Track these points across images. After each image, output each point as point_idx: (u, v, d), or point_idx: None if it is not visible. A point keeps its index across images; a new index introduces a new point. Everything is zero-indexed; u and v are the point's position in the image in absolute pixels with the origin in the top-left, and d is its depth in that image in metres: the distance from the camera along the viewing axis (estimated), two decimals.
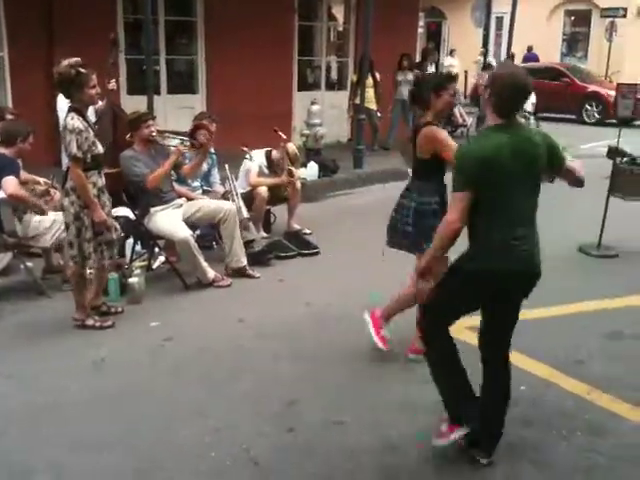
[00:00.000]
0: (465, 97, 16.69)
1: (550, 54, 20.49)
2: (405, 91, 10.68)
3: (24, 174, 5.04)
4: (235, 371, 3.90)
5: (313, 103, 8.99)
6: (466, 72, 18.60)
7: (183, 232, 5.04)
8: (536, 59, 18.94)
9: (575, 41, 22.00)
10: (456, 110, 12.28)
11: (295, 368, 3.95)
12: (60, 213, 4.91)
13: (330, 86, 11.77)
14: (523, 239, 2.84)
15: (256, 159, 6.31)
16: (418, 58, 12.28)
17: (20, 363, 3.93)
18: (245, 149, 6.11)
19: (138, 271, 5.01)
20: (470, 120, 11.69)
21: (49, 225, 4.86)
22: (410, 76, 10.77)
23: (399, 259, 4.12)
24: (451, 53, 18.14)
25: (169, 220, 5.11)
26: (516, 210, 2.84)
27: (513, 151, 2.77)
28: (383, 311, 4.11)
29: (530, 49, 19.38)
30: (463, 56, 18.24)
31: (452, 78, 4.05)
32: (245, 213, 5.63)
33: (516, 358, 4.02)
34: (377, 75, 10.15)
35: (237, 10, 9.31)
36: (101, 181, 4.25)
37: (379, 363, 4.04)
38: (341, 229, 6.92)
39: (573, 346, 4.22)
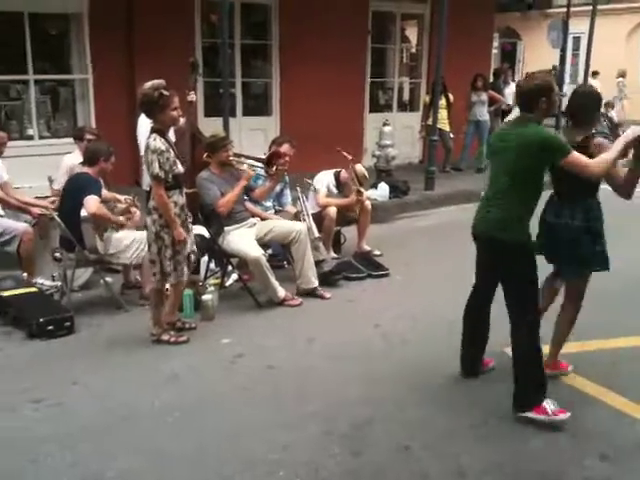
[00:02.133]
0: None
1: (630, 73, 19.83)
2: (479, 112, 10.60)
3: (105, 192, 5.24)
4: (304, 390, 3.91)
5: (385, 124, 9.02)
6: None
7: (255, 252, 5.12)
8: None
9: None
10: None
11: (364, 390, 3.93)
12: (139, 232, 5.13)
13: (402, 107, 11.78)
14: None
15: (325, 179, 6.38)
16: (492, 79, 12.14)
17: (97, 374, 4.07)
18: (309, 181, 6.20)
19: (212, 288, 5.12)
20: None
21: (129, 243, 5.03)
22: (484, 97, 10.67)
23: (469, 279, 4.04)
24: (593, 75, 17.02)
25: (242, 239, 5.21)
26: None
27: None
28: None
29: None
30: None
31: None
32: (316, 233, 5.67)
33: (592, 389, 3.91)
34: (450, 96, 10.09)
35: (310, 33, 9.47)
36: (182, 199, 4.38)
37: (449, 388, 3.97)
38: (411, 251, 6.88)
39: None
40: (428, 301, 5.40)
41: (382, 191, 8.36)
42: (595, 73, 16.68)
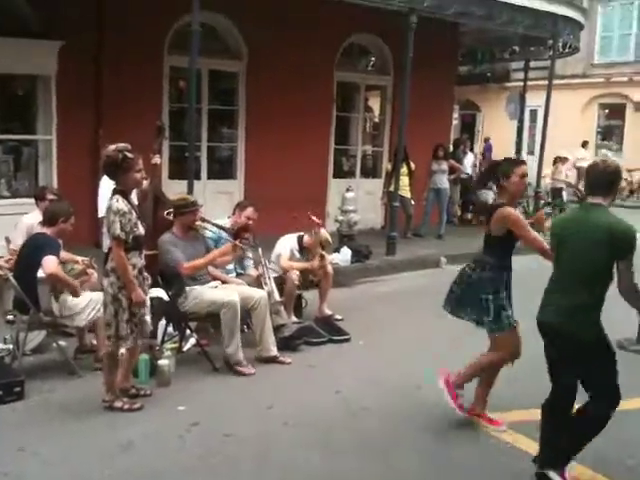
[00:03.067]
0: None
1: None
2: (439, 180, 10.87)
3: (63, 253, 5.16)
4: (262, 460, 3.80)
5: (348, 190, 9.15)
6: None
7: (231, 296, 5.07)
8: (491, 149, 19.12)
9: (610, 133, 22.17)
10: (491, 200, 12.37)
11: (325, 460, 3.84)
12: (95, 293, 5.03)
13: (365, 174, 12.00)
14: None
15: (288, 243, 6.41)
16: (452, 148, 12.51)
17: (47, 442, 3.90)
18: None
19: (169, 353, 5.01)
20: None
21: (84, 305, 4.91)
22: (444, 165, 10.96)
23: (430, 345, 4.06)
24: (584, 145, 17.18)
25: (213, 290, 5.20)
26: None
27: None
28: (457, 378, 4.20)
29: (487, 140, 19.66)
30: (497, 147, 18.49)
31: (520, 162, 4.31)
32: (277, 297, 5.63)
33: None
34: (411, 164, 10.34)
35: (277, 100, 9.67)
36: (141, 262, 4.33)
37: (413, 457, 3.91)
38: (373, 316, 6.87)
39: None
40: (390, 367, 5.36)
41: (344, 255, 8.40)
42: (585, 143, 17.32)
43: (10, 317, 5.01)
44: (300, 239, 6.50)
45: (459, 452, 3.99)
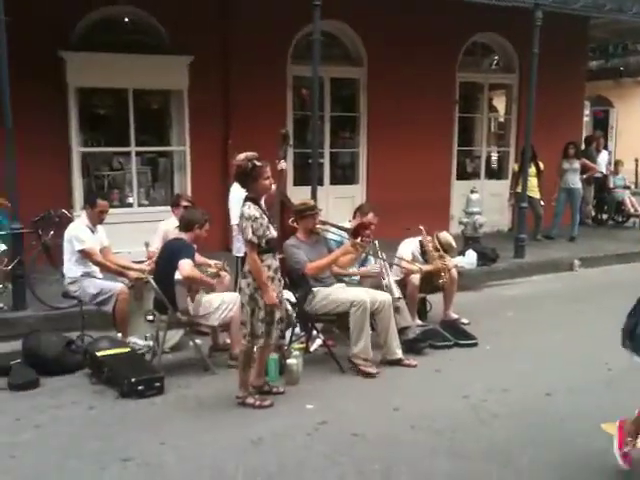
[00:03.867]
0: (636, 185, 15.81)
1: None
2: (571, 179, 10.39)
3: (198, 257, 5.43)
4: (389, 463, 3.79)
5: (472, 192, 8.96)
6: (637, 160, 17.71)
7: (361, 295, 5.15)
8: None
9: None
10: (627, 199, 11.68)
11: (452, 465, 3.78)
12: (227, 294, 5.27)
13: (490, 175, 11.70)
14: None
15: (410, 246, 6.37)
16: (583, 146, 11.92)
17: (184, 436, 4.11)
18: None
19: (297, 353, 5.14)
20: None
21: (217, 305, 5.16)
22: (576, 164, 10.46)
23: (561, 352, 3.88)
24: None
25: (341, 290, 5.30)
26: None
27: None
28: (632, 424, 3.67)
29: None
30: (631, 144, 17.43)
31: None
32: (397, 293, 5.61)
33: None
34: (540, 164, 9.96)
35: (398, 103, 9.67)
36: (275, 263, 4.48)
37: (544, 466, 3.76)
38: (500, 320, 6.68)
39: None
40: (520, 373, 5.19)
41: (469, 258, 8.23)
42: None
43: (150, 317, 5.33)
44: (422, 242, 6.44)
45: (588, 466, 3.78)
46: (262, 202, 4.67)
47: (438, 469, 3.73)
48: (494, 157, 12.25)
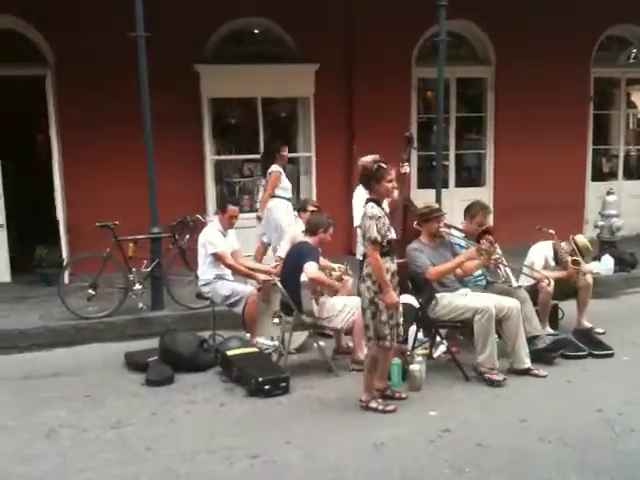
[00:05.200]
0: None
1: None
2: None
3: (322, 261, 5.54)
4: (516, 475, 3.68)
5: (609, 193, 8.47)
6: None
7: (486, 302, 5.03)
8: None
9: None
10: None
11: None
12: (351, 298, 5.33)
13: (629, 175, 11.00)
14: None
15: (542, 251, 6.14)
16: None
17: (308, 436, 4.20)
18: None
19: (420, 359, 5.10)
20: None
21: (341, 308, 5.24)
22: None
23: None
24: None
25: (466, 297, 5.21)
26: None
27: None
28: None
29: None
30: None
31: None
32: (514, 282, 5.40)
33: None
34: None
35: (527, 101, 9.35)
36: (393, 267, 4.49)
37: None
38: (638, 330, 6.26)
39: None
40: None
41: (606, 264, 7.80)
42: None
43: (277, 319, 5.50)
44: (555, 246, 6.18)
45: None
46: (385, 204, 4.70)
47: None
48: (633, 156, 11.50)
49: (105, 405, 4.77)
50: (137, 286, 6.56)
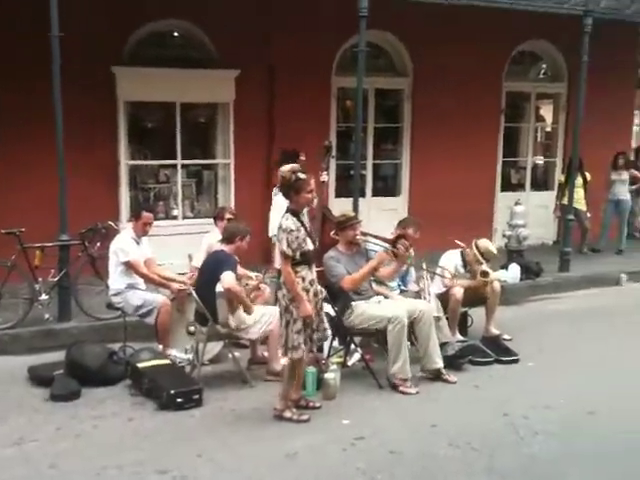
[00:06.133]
0: None
1: None
2: (619, 191, 10.14)
3: (239, 270, 5.49)
4: None
5: (517, 203, 8.82)
6: None
7: (398, 311, 5.11)
8: None
9: None
10: None
11: None
12: (268, 307, 5.32)
13: (536, 186, 11.49)
14: None
15: (452, 259, 6.32)
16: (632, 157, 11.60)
17: (221, 448, 4.15)
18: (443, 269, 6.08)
19: (334, 367, 5.14)
20: None
21: (257, 318, 5.20)
22: (625, 175, 10.21)
23: (605, 370, 3.79)
24: None
25: (380, 305, 5.28)
26: None
27: None
28: None
29: None
30: None
31: None
32: (435, 312, 5.57)
33: None
34: (587, 175, 9.75)
35: (442, 114, 9.57)
36: (311, 275, 4.50)
37: None
38: (544, 336, 6.54)
39: None
40: (563, 390, 5.10)
41: (513, 272, 8.10)
42: None
43: (191, 329, 5.41)
44: (464, 254, 6.37)
45: None
46: (305, 213, 4.72)
47: None
48: (540, 168, 12.03)
49: (7, 421, 4.53)
50: (43, 296, 6.27)
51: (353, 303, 5.29)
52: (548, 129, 12.37)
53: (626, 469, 3.88)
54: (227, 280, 4.99)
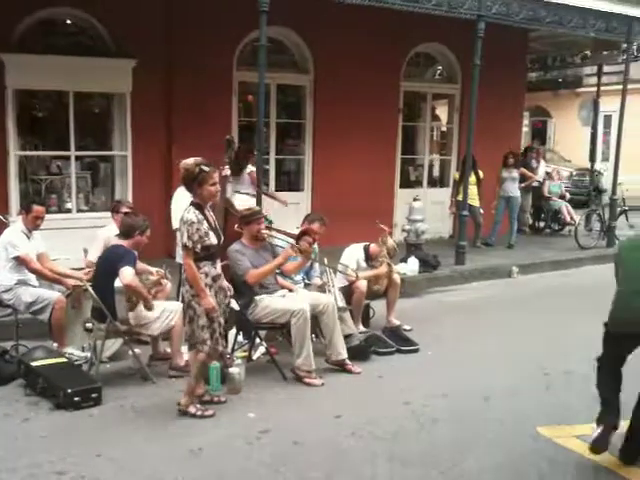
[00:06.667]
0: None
1: None
2: (510, 188, 10.67)
3: (139, 265, 5.33)
4: (331, 470, 3.80)
5: (415, 199, 9.09)
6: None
7: (302, 304, 5.12)
8: None
9: None
10: (563, 208, 12.03)
11: (393, 470, 3.82)
12: (169, 302, 5.20)
13: (432, 183, 11.90)
14: None
15: (354, 253, 6.42)
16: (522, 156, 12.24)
17: (122, 447, 4.03)
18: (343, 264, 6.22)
19: (239, 361, 5.10)
20: (578, 218, 11.38)
21: (158, 314, 5.07)
22: (515, 173, 10.75)
23: (500, 357, 3.97)
24: None
25: (282, 299, 5.28)
26: None
27: None
28: None
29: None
30: (570, 154, 17.99)
31: None
32: (340, 303, 5.66)
33: None
34: (480, 172, 10.19)
35: (343, 111, 9.73)
36: (215, 271, 4.43)
37: (484, 470, 3.83)
38: (442, 326, 6.79)
39: None
40: (461, 378, 5.29)
41: (412, 265, 8.34)
42: None
43: (89, 326, 5.20)
44: (366, 248, 6.51)
45: (525, 468, 3.89)
46: (208, 207, 4.64)
47: (379, 474, 3.76)
48: (436, 166, 12.47)
49: None
50: None
51: (257, 297, 5.27)
52: (444, 128, 12.86)
53: (517, 451, 4.08)
54: (126, 276, 4.83)
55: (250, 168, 7.65)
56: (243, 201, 7.38)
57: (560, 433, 4.28)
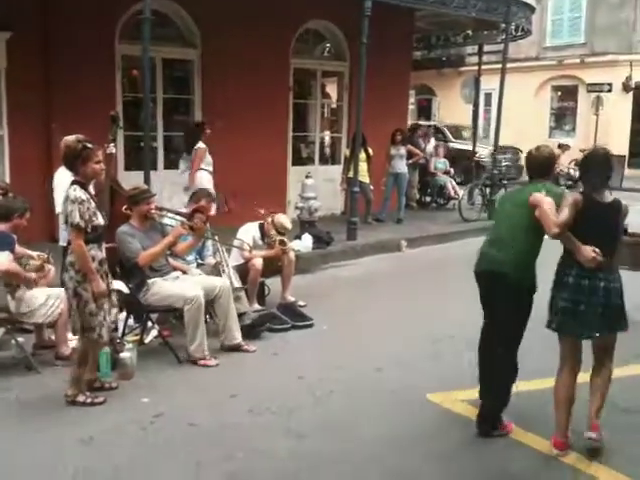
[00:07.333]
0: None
1: (539, 128, 21.05)
2: (398, 165, 10.95)
3: (19, 249, 5.05)
4: (227, 448, 3.80)
5: (307, 177, 9.16)
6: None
7: (195, 290, 5.03)
8: None
9: (563, 115, 22.62)
10: (448, 183, 12.52)
11: (291, 444, 3.88)
12: (54, 289, 4.95)
13: (324, 160, 12.01)
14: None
15: (250, 231, 6.40)
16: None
17: (8, 440, 3.85)
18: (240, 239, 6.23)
19: (130, 346, 4.95)
20: (462, 192, 11.89)
21: (43, 301, 4.84)
22: (403, 150, 11.04)
23: (392, 328, 4.10)
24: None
25: (174, 284, 5.16)
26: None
27: None
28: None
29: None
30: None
31: None
32: (236, 283, 5.64)
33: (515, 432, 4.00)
34: (369, 150, 10.38)
35: (232, 88, 9.59)
36: (101, 254, 4.27)
37: (378, 439, 3.97)
38: (336, 301, 6.92)
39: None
40: (352, 350, 5.41)
41: (305, 242, 8.41)
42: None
43: None
44: (262, 227, 6.49)
45: (417, 435, 4.06)
46: (91, 187, 4.45)
47: (278, 449, 3.81)
48: (327, 143, 12.58)
49: None
50: None
51: (149, 280, 5.13)
52: (334, 106, 12.97)
53: (408, 419, 4.25)
54: (2, 261, 4.57)
55: (199, 145, 7.90)
56: (208, 181, 7.79)
57: (448, 398, 4.49)
